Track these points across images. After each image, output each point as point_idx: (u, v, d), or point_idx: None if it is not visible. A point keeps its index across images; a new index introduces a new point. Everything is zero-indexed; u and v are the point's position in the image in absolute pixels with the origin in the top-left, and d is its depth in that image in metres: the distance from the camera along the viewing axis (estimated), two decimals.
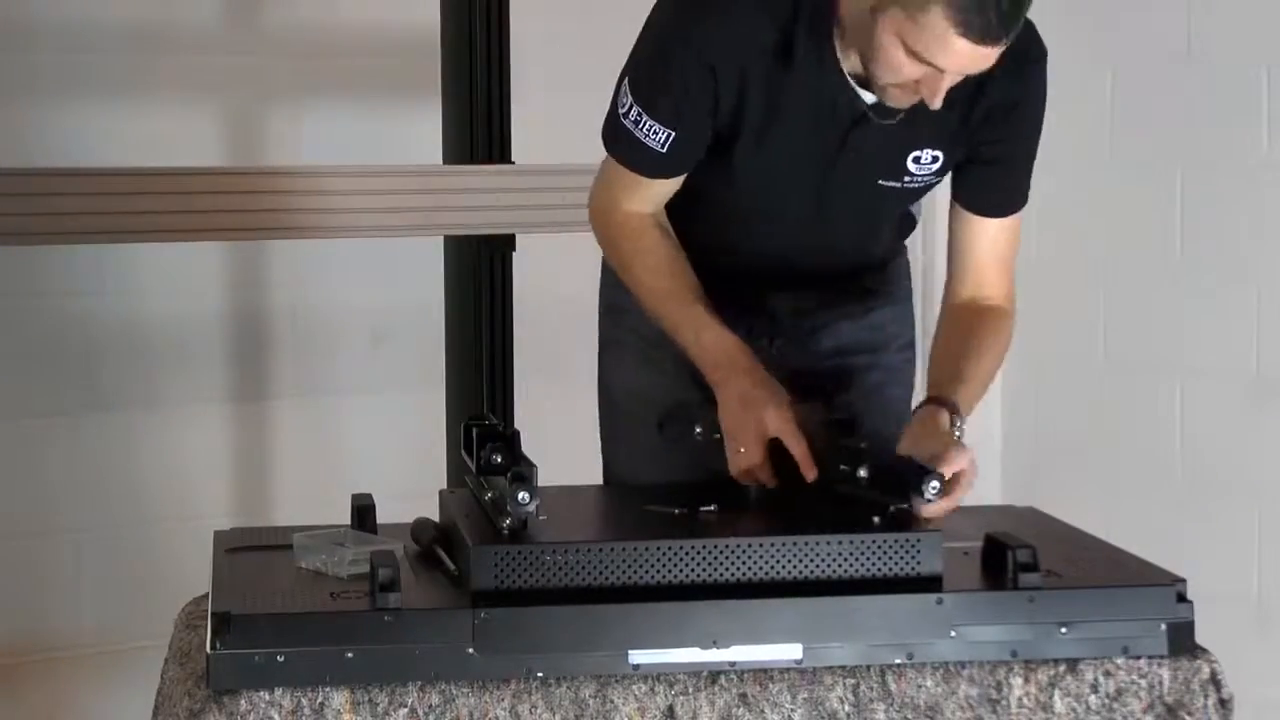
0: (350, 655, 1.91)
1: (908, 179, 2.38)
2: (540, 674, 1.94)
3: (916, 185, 2.40)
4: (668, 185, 2.43)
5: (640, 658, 1.95)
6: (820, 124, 2.33)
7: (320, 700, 1.90)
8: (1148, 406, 4.11)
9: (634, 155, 2.38)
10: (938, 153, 2.36)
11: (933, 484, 2.06)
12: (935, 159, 2.37)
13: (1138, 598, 2.05)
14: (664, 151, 2.35)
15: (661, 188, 2.43)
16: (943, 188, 2.47)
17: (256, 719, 1.89)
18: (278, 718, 1.89)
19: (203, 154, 3.80)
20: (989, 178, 2.42)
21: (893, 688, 1.99)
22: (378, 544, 2.12)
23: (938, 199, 2.49)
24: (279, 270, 3.95)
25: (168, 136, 3.70)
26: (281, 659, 1.90)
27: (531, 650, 1.94)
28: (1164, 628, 2.04)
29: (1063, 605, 2.02)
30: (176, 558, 3.18)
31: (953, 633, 2.00)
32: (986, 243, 2.45)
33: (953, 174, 2.43)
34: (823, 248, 2.50)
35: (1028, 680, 2.01)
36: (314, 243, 3.66)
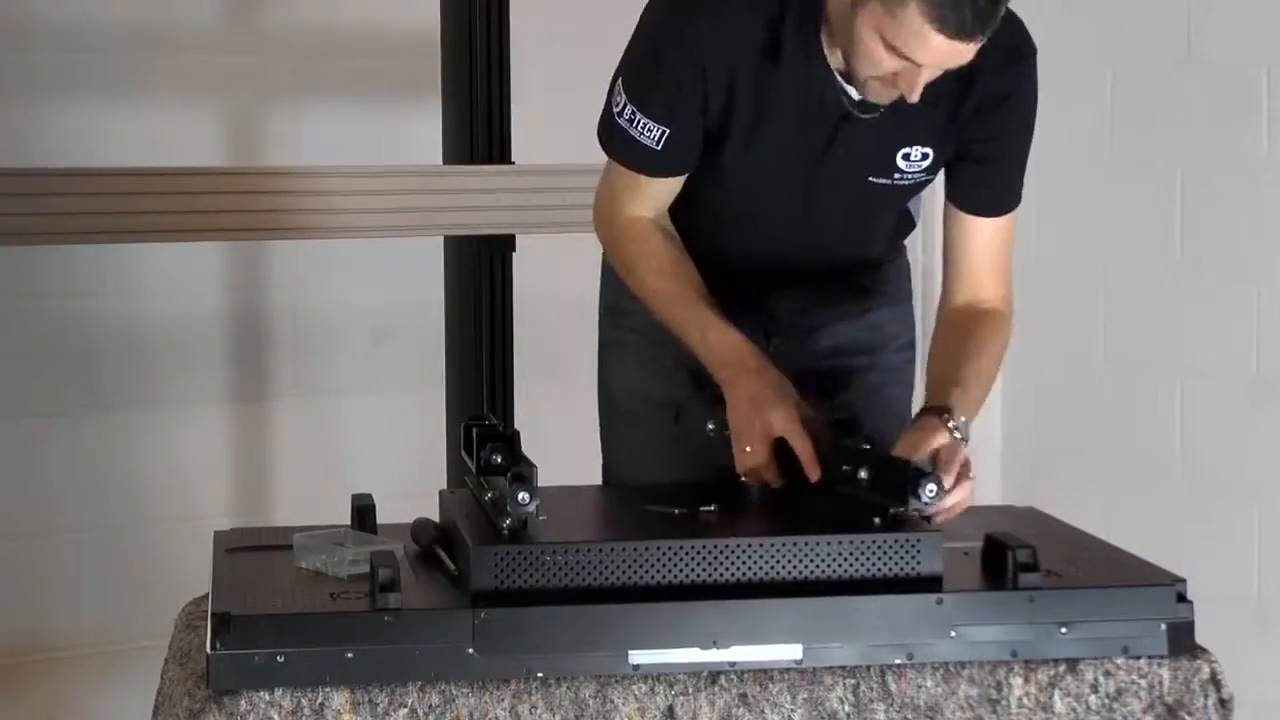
0: (350, 655, 1.91)
1: (898, 176, 2.38)
2: (540, 674, 1.94)
3: (907, 183, 2.40)
4: (668, 186, 2.43)
5: (640, 658, 1.95)
6: (808, 121, 2.33)
7: (320, 700, 1.90)
8: (1148, 406, 4.10)
9: (630, 154, 2.39)
10: (928, 150, 2.37)
11: (929, 487, 2.05)
12: (925, 156, 2.37)
13: (1138, 598, 2.05)
14: (659, 149, 2.35)
15: (662, 189, 2.43)
16: (940, 189, 2.47)
17: (256, 719, 1.89)
18: (278, 718, 1.89)
19: (203, 154, 3.79)
20: (981, 176, 2.42)
21: (893, 688, 1.99)
22: (378, 544, 2.12)
23: (937, 201, 2.49)
24: (279, 270, 3.95)
25: (168, 136, 3.70)
26: (281, 659, 1.90)
27: (531, 650, 1.93)
28: (1164, 628, 2.04)
29: (1063, 605, 2.02)
30: (176, 558, 3.18)
31: (953, 633, 2.00)
32: (981, 243, 2.45)
33: (946, 173, 2.43)
34: (816, 246, 2.50)
35: (1028, 680, 2.01)
36: (314, 243, 3.66)
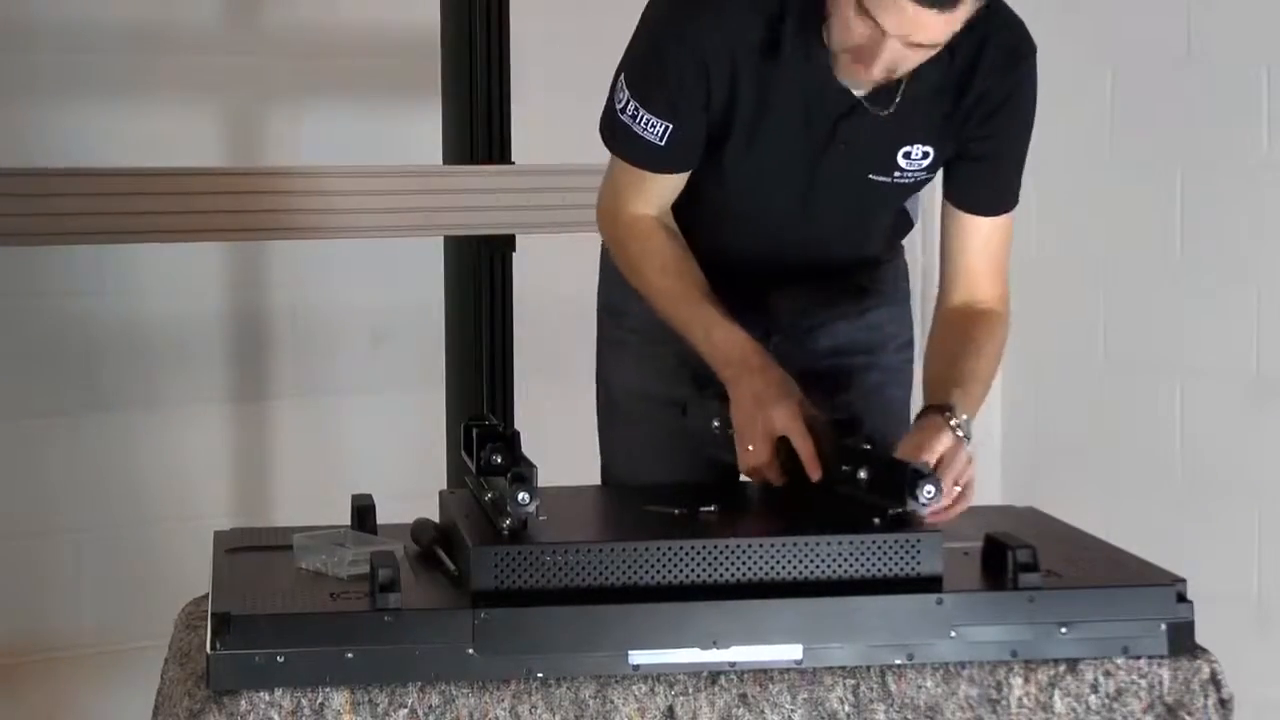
0: (350, 655, 1.91)
1: (898, 174, 2.39)
2: (540, 674, 1.94)
3: (907, 181, 2.40)
4: (671, 183, 2.43)
5: (640, 658, 1.95)
6: (809, 117, 2.34)
7: (320, 700, 1.90)
8: (1148, 406, 4.10)
9: (633, 150, 2.39)
10: (928, 148, 2.37)
11: (927, 489, 2.05)
12: (926, 155, 2.37)
13: (1138, 598, 2.05)
14: (662, 145, 2.35)
15: (665, 186, 2.43)
16: (938, 189, 2.47)
17: (256, 719, 1.89)
18: (278, 718, 1.89)
19: (203, 154, 3.79)
20: (979, 174, 2.42)
21: (893, 688, 1.99)
22: (378, 544, 2.12)
23: (936, 200, 2.49)
24: (279, 270, 3.95)
25: (168, 136, 3.70)
26: (281, 659, 1.90)
27: (531, 650, 1.93)
28: (1164, 628, 2.04)
29: (1063, 605, 2.02)
30: (176, 558, 3.18)
31: (953, 633, 2.00)
32: (979, 243, 2.45)
33: (944, 172, 2.43)
34: (815, 244, 2.50)
35: (1028, 680, 2.01)
36: (314, 243, 3.66)
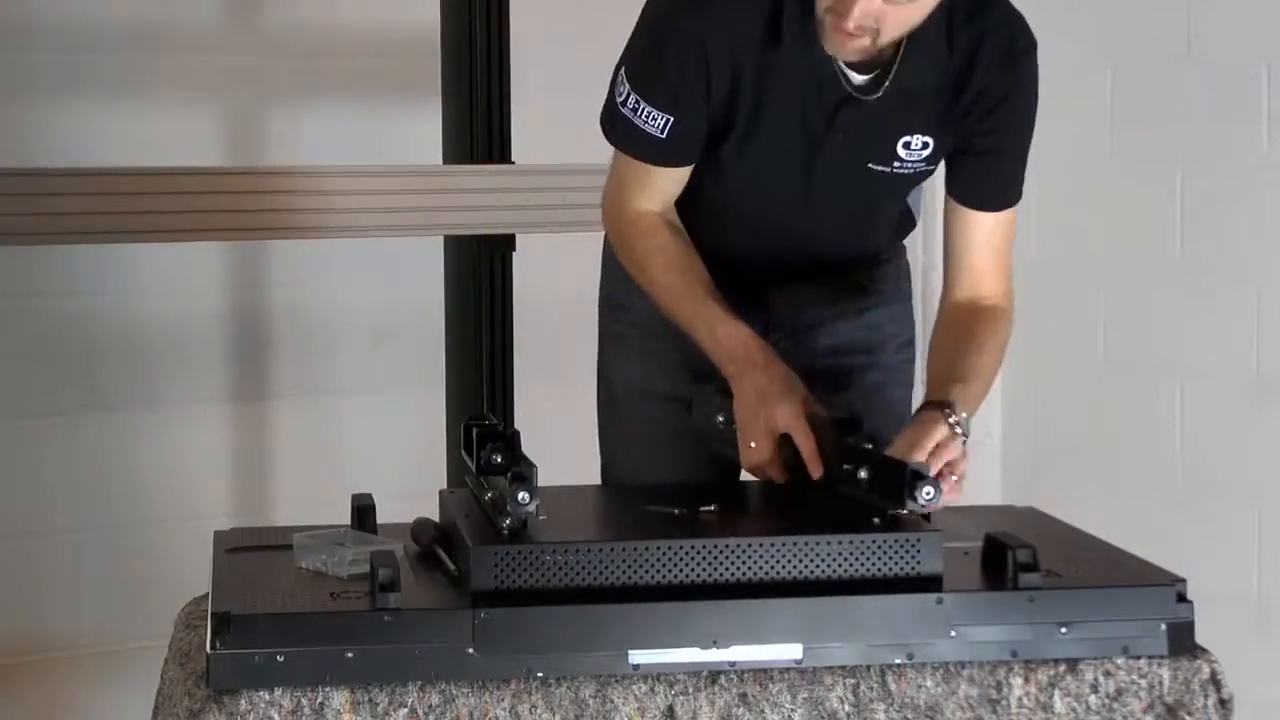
0: (350, 655, 1.91)
1: (897, 164, 2.39)
2: (540, 674, 1.94)
3: (907, 172, 2.40)
4: (674, 178, 2.43)
5: (640, 658, 1.95)
6: (808, 105, 2.34)
7: (320, 700, 1.90)
8: (1148, 406, 4.10)
9: (634, 143, 2.39)
10: (928, 139, 2.37)
11: (926, 490, 2.05)
12: (925, 145, 2.38)
13: (1138, 598, 2.05)
14: (664, 137, 2.36)
15: (668, 181, 2.43)
16: (940, 188, 2.47)
17: (256, 719, 1.89)
18: (278, 718, 1.89)
19: (203, 154, 3.79)
20: (982, 170, 2.43)
21: (893, 688, 1.99)
22: (378, 544, 2.12)
23: (938, 200, 2.49)
24: (279, 270, 3.95)
25: (168, 136, 3.70)
26: (281, 659, 1.89)
27: (531, 650, 1.93)
28: (1164, 628, 2.03)
29: (1063, 605, 2.02)
30: (176, 558, 3.18)
31: (953, 633, 2.00)
32: (982, 238, 2.45)
33: (946, 167, 2.43)
34: (815, 240, 2.50)
35: (1028, 680, 2.01)
36: (314, 243, 3.66)
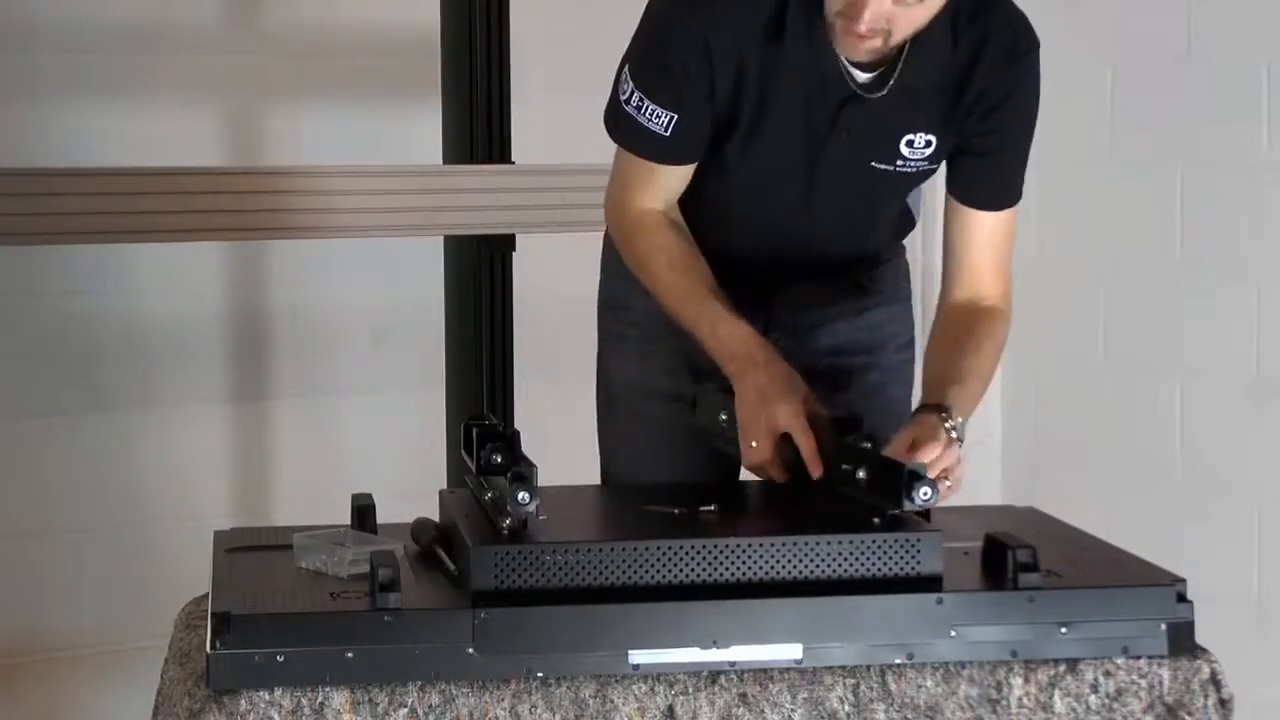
0: (350, 655, 1.91)
1: (900, 163, 2.39)
2: (540, 674, 1.94)
3: (910, 170, 2.40)
4: (678, 176, 2.43)
5: (640, 658, 1.95)
6: (812, 104, 2.34)
7: (320, 700, 1.90)
8: (1148, 406, 4.10)
9: (638, 141, 2.39)
10: (930, 137, 2.37)
11: (923, 491, 2.05)
12: (928, 144, 2.38)
13: (1138, 598, 2.05)
14: (668, 135, 2.36)
15: (672, 179, 2.43)
16: (941, 189, 2.47)
17: (256, 719, 1.89)
18: (278, 718, 1.89)
19: (203, 154, 3.79)
20: (982, 168, 2.43)
21: (893, 688, 1.99)
22: (378, 544, 2.12)
23: (938, 200, 2.49)
24: (279, 270, 3.95)
25: (168, 136, 3.70)
26: (281, 659, 1.89)
27: (531, 650, 1.93)
28: (1164, 628, 2.03)
29: (1063, 605, 2.02)
30: (176, 558, 3.18)
31: (953, 633, 2.00)
32: (982, 238, 2.45)
33: (947, 166, 2.43)
34: (817, 239, 2.50)
35: (1028, 680, 2.01)
36: (314, 243, 3.66)
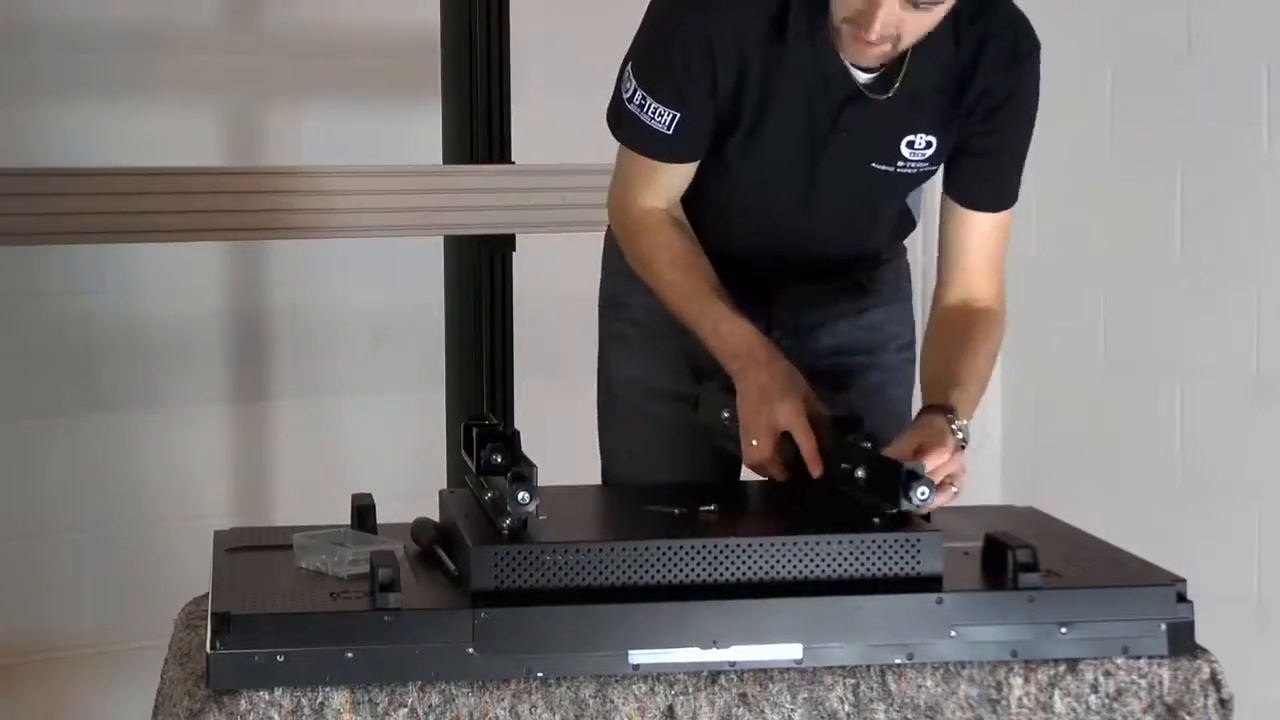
0: (350, 655, 1.91)
1: (901, 164, 2.39)
2: (540, 674, 1.94)
3: (910, 171, 2.41)
4: (680, 174, 2.43)
5: (640, 658, 1.95)
6: (813, 103, 2.34)
7: (320, 700, 1.90)
8: (1148, 406, 4.10)
9: (641, 139, 2.39)
10: (931, 138, 2.37)
11: (921, 490, 2.05)
12: (929, 144, 2.38)
13: (1138, 598, 2.05)
14: (670, 133, 2.36)
15: (674, 177, 2.44)
16: (939, 189, 2.47)
17: (256, 719, 1.89)
18: (278, 718, 1.89)
19: (203, 154, 3.79)
20: (980, 169, 2.43)
21: (893, 688, 1.99)
22: (378, 544, 2.12)
23: (938, 201, 2.49)
24: (279, 270, 3.95)
25: (168, 136, 3.70)
26: (281, 659, 1.89)
27: (531, 650, 1.93)
28: (1164, 628, 2.03)
29: (1063, 605, 2.02)
30: (176, 558, 3.18)
31: (953, 633, 2.00)
32: (978, 239, 2.45)
33: (945, 167, 2.44)
34: (818, 239, 2.50)
35: (1028, 680, 2.01)
36: (314, 243, 3.66)
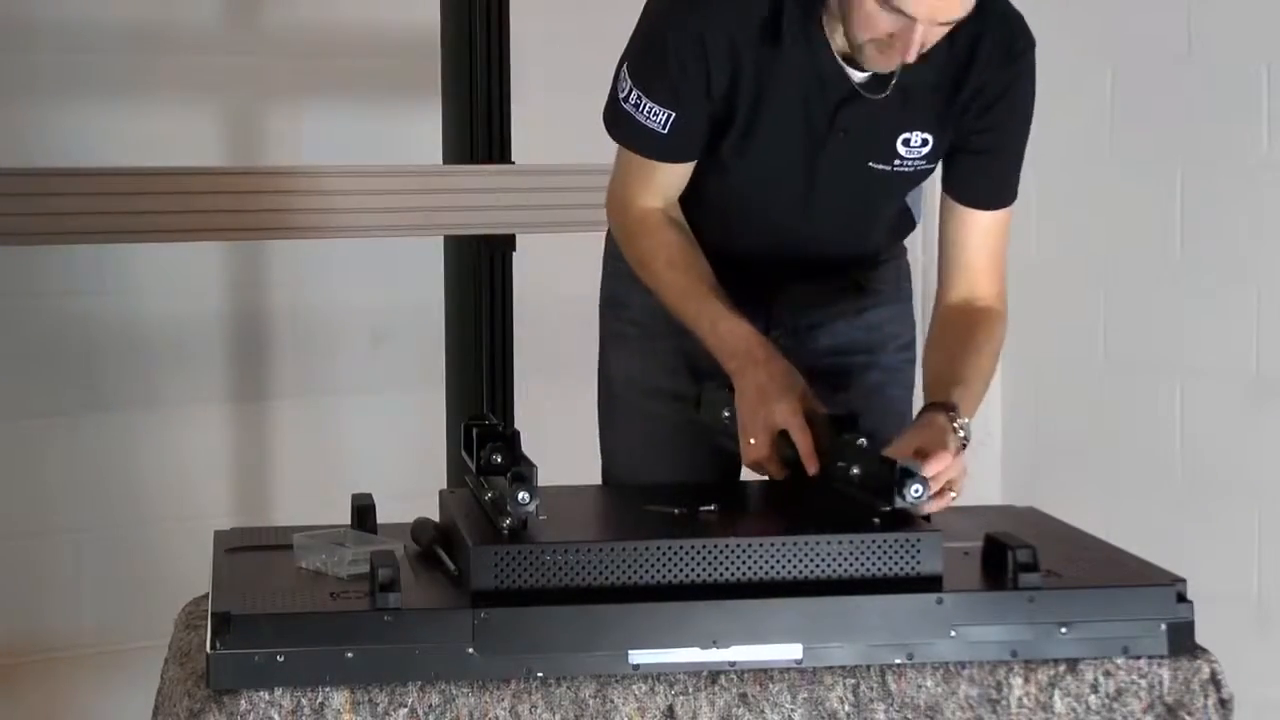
0: (350, 655, 1.91)
1: (898, 163, 2.39)
2: (540, 674, 1.94)
3: (907, 170, 2.41)
4: (677, 174, 2.44)
5: (640, 658, 1.95)
6: (809, 103, 2.34)
7: (320, 700, 1.90)
8: (1148, 406, 4.10)
9: (636, 138, 2.40)
10: (927, 136, 2.38)
11: (914, 488, 2.05)
12: (925, 142, 2.38)
13: (1138, 598, 2.05)
14: (665, 132, 2.36)
15: (671, 177, 2.44)
16: (938, 190, 2.47)
17: (256, 719, 1.89)
18: (278, 718, 1.89)
19: (203, 154, 3.80)
20: (978, 166, 2.43)
21: (893, 688, 1.99)
22: (378, 544, 2.12)
23: (937, 201, 2.49)
24: (279, 270, 3.95)
25: (168, 136, 3.70)
26: (281, 659, 1.89)
27: (531, 650, 1.93)
28: (1164, 628, 2.03)
29: (1063, 605, 2.02)
30: (176, 558, 3.18)
31: (953, 633, 2.00)
32: (978, 238, 2.45)
33: (943, 165, 2.44)
34: (816, 239, 2.50)
35: (1028, 680, 2.01)
36: (314, 243, 3.66)
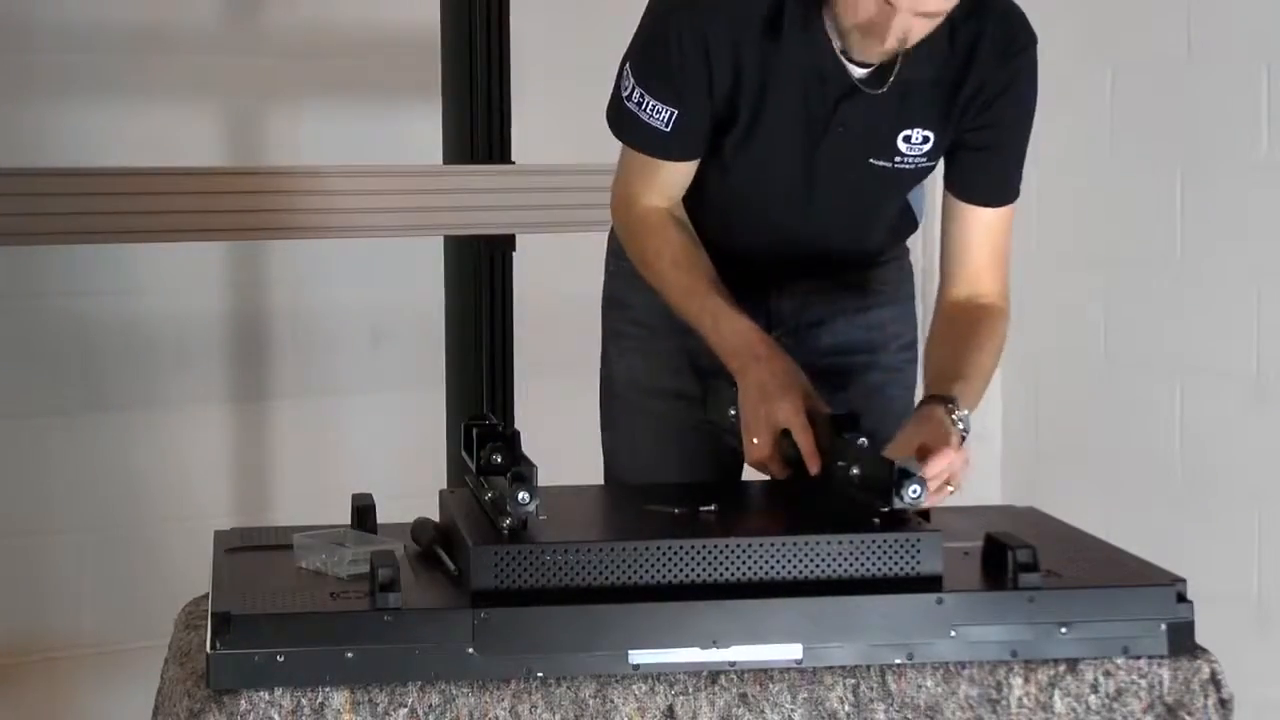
0: (350, 655, 1.91)
1: (898, 159, 2.39)
2: (540, 674, 1.94)
3: (908, 167, 2.41)
4: (680, 172, 2.44)
5: (640, 658, 1.95)
6: (809, 98, 2.35)
7: (320, 700, 1.90)
8: (1148, 406, 4.10)
9: (640, 137, 2.40)
10: (928, 133, 2.38)
11: (912, 488, 2.05)
12: (926, 139, 2.38)
13: (1138, 598, 2.05)
14: (668, 130, 2.37)
15: (674, 176, 2.44)
16: (940, 189, 2.47)
17: (256, 719, 1.89)
18: (278, 718, 1.89)
19: (203, 154, 3.80)
20: (980, 163, 2.43)
21: (893, 688, 1.99)
22: (378, 544, 2.12)
23: (939, 202, 2.49)
24: (279, 270, 3.95)
25: (168, 136, 3.70)
26: (281, 659, 1.89)
27: (531, 650, 1.93)
28: (1164, 628, 2.03)
29: (1063, 605, 2.02)
30: (176, 558, 3.18)
31: (953, 633, 2.00)
32: (980, 235, 2.45)
33: (945, 161, 2.44)
34: (817, 237, 2.50)
35: (1028, 680, 2.01)
36: (314, 243, 3.67)
